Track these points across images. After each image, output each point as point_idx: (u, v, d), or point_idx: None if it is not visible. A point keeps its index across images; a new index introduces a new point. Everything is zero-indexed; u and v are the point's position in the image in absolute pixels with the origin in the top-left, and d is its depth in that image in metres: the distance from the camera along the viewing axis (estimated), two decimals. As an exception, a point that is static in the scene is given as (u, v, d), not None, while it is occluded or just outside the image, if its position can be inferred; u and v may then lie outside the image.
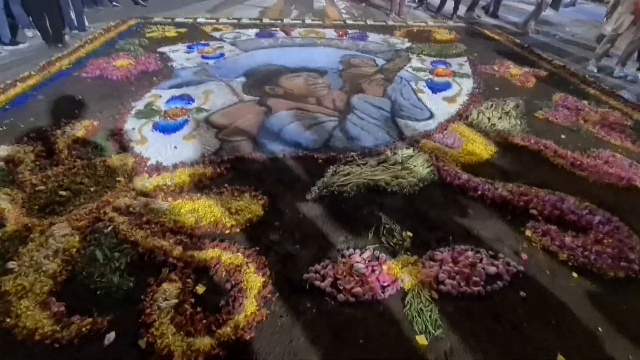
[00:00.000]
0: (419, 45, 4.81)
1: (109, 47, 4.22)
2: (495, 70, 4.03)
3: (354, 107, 3.12)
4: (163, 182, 2.11)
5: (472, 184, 2.20)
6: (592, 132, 2.87)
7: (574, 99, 3.37)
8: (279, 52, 4.41)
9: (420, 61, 4.31)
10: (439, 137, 2.72)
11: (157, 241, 1.69)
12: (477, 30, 5.69)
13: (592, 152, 2.60)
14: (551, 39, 5.44)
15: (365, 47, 4.73)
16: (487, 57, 4.49)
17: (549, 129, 2.91)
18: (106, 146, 2.43)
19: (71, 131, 2.51)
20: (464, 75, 3.90)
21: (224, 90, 3.33)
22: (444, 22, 6.13)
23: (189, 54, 4.19)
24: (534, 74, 3.94)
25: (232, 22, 5.54)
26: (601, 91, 3.60)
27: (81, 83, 3.34)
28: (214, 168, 2.24)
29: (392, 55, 4.47)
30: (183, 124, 2.74)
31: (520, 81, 3.77)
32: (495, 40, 5.21)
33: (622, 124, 2.96)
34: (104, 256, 1.62)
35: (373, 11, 6.73)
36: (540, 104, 3.28)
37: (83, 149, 2.37)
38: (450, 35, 5.26)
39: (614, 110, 3.20)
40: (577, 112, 3.11)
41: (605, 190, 2.24)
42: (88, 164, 2.22)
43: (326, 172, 2.28)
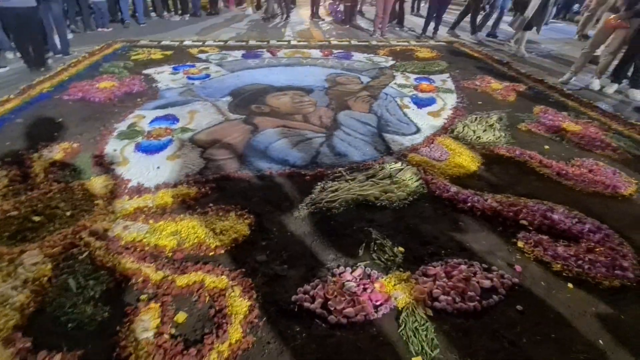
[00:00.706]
0: (402, 63, 4.93)
1: (93, 70, 4.19)
2: (477, 85, 4.13)
3: (341, 124, 3.12)
4: (144, 203, 2.03)
5: (462, 196, 2.18)
6: (575, 141, 2.92)
7: (554, 110, 3.46)
8: (265, 71, 4.45)
9: (405, 78, 4.40)
10: (426, 151, 2.72)
11: (136, 266, 1.60)
12: (457, 48, 5.89)
13: (576, 161, 2.63)
14: (528, 56, 5.65)
15: (350, 65, 4.82)
16: (468, 73, 4.62)
17: (532, 140, 2.96)
18: (85, 169, 2.34)
19: (49, 154, 2.43)
20: (447, 90, 3.98)
21: (210, 109, 3.30)
22: (426, 41, 6.33)
23: (175, 75, 4.18)
24: (514, 88, 4.06)
25: (219, 45, 5.60)
26: (580, 103, 3.71)
27: (62, 106, 3.27)
28: (198, 188, 2.17)
29: (377, 73, 4.56)
30: (167, 144, 2.68)
31: (501, 95, 3.86)
32: (475, 58, 5.39)
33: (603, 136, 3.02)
34: (77, 285, 1.52)
35: (356, 32, 6.92)
36: (522, 117, 3.35)
37: (61, 172, 2.28)
38: (432, 54, 5.42)
39: (593, 121, 3.29)
40: (559, 124, 3.17)
41: (592, 199, 2.25)
42: (65, 187, 2.12)
43: (314, 188, 2.23)
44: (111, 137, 2.74)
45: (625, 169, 2.58)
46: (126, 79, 3.92)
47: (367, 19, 7.99)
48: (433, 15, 6.47)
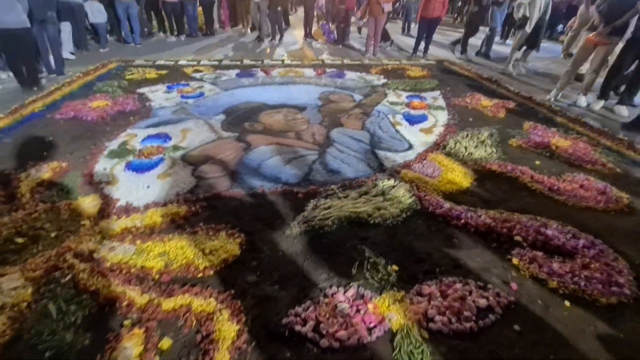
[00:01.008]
0: (394, 81, 5.03)
1: (87, 90, 4.21)
2: (467, 102, 4.21)
3: (334, 141, 3.13)
4: (132, 223, 1.98)
5: (455, 212, 2.17)
6: (565, 157, 2.95)
7: (544, 126, 3.51)
8: (259, 90, 4.50)
9: (396, 96, 4.47)
10: (419, 167, 2.73)
11: (121, 289, 1.54)
12: (447, 67, 6.04)
13: (567, 176, 2.65)
14: (514, 74, 5.81)
15: (343, 84, 4.90)
16: (459, 90, 4.71)
17: (523, 156, 2.98)
18: (74, 188, 2.30)
19: (36, 174, 2.39)
20: (438, 107, 4.05)
21: (203, 127, 3.30)
22: (417, 60, 6.49)
23: (169, 94, 4.21)
24: (504, 105, 4.13)
25: (213, 64, 5.69)
26: (568, 119, 3.78)
27: (53, 125, 3.25)
28: (188, 206, 2.14)
29: (369, 90, 4.63)
30: (158, 163, 2.66)
31: (491, 112, 3.93)
32: (464, 76, 5.51)
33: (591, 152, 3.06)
34: (58, 310, 1.45)
35: (349, 51, 7.09)
36: (512, 133, 3.40)
37: (48, 192, 2.23)
38: (423, 72, 5.54)
39: (582, 136, 3.34)
40: (548, 140, 3.21)
41: (585, 214, 2.25)
42: (51, 207, 2.08)
43: (306, 206, 2.21)
44: (101, 156, 2.71)
45: (615, 183, 2.60)
46: (120, 98, 3.94)
47: (361, 37, 8.20)
48: (423, 36, 6.66)
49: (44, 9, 4.36)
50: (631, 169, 2.82)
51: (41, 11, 4.34)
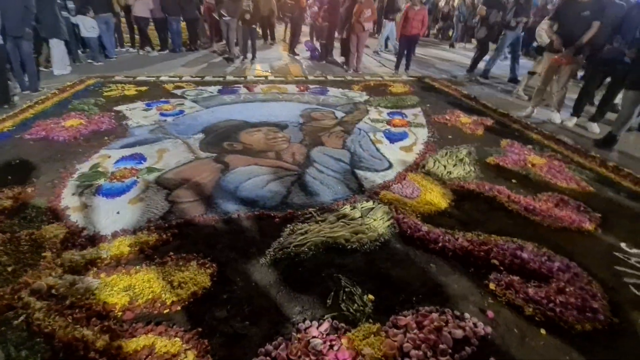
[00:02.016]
0: (376, 98, 5.08)
1: (61, 108, 4.09)
2: (447, 120, 4.27)
3: (314, 160, 3.11)
4: (97, 255, 1.88)
5: (433, 235, 2.15)
6: (540, 175, 3.01)
7: (520, 144, 3.59)
8: (240, 107, 4.47)
9: (378, 112, 4.51)
10: (398, 188, 2.72)
11: (78, 331, 1.44)
12: (429, 83, 6.16)
13: (542, 195, 2.69)
14: (494, 90, 5.97)
15: (325, 100, 4.92)
16: (439, 107, 4.80)
17: (500, 175, 3.02)
18: (37, 216, 2.18)
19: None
20: (418, 125, 4.09)
21: (180, 147, 3.23)
22: (399, 76, 6.61)
23: (147, 112, 4.13)
24: (482, 122, 4.22)
25: (195, 80, 5.64)
26: (543, 136, 3.88)
27: (22, 146, 3.12)
28: (159, 234, 2.05)
29: (351, 108, 4.66)
30: (131, 186, 2.57)
31: (470, 129, 4.00)
32: (445, 93, 5.63)
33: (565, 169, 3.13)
34: (6, 357, 1.34)
35: (332, 67, 7.16)
36: (490, 151, 3.45)
37: (8, 222, 2.11)
38: (405, 88, 5.63)
39: (556, 153, 3.42)
40: (524, 158, 3.28)
41: (560, 234, 2.27)
42: (11, 238, 1.96)
43: (283, 231, 2.16)
44: (70, 180, 2.60)
45: (589, 201, 2.65)
46: (95, 116, 3.83)
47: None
48: (404, 52, 6.80)
49: (21, 26, 4.26)
50: (603, 187, 2.89)
51: (17, 28, 4.23)
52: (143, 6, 7.03)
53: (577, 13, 3.85)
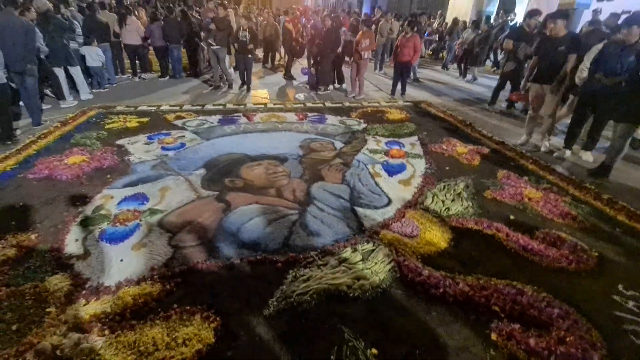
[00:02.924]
0: (373, 126, 5.18)
1: (64, 142, 4.15)
2: (444, 149, 4.36)
3: (314, 198, 3.15)
4: (102, 309, 1.90)
5: (433, 280, 2.18)
6: (537, 210, 3.06)
7: (516, 176, 3.66)
8: (240, 139, 4.54)
9: (376, 142, 4.60)
10: (398, 226, 2.76)
11: (84, 398, 1.44)
12: (425, 109, 6.29)
13: (540, 232, 2.73)
14: (488, 115, 6.11)
15: (324, 130, 5.02)
16: (435, 135, 4.89)
17: (498, 209, 3.08)
18: (41, 266, 2.20)
19: (1, 250, 2.28)
20: (416, 156, 4.17)
21: (182, 186, 3.28)
22: (395, 101, 6.75)
23: (149, 146, 4.19)
24: (478, 151, 4.31)
25: (196, 109, 5.74)
26: (538, 166, 3.96)
27: (25, 186, 3.16)
28: (162, 284, 2.07)
29: (350, 137, 4.75)
30: (133, 230, 2.59)
31: (467, 159, 4.08)
32: (441, 118, 5.75)
33: (562, 204, 3.19)
34: None
35: (330, 93, 7.31)
36: (487, 183, 3.51)
37: (12, 273, 2.13)
38: (402, 115, 5.75)
39: (552, 186, 3.49)
40: (521, 191, 3.34)
41: (558, 276, 2.31)
42: (15, 292, 1.97)
43: (285, 278, 2.18)
44: (74, 224, 2.63)
45: (585, 238, 2.69)
46: (97, 152, 3.89)
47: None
48: (398, 78, 6.98)
49: (22, 62, 4.37)
50: (598, 222, 2.94)
51: (19, 64, 4.35)
52: (130, 34, 7.30)
53: (554, 48, 4.06)
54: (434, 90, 7.99)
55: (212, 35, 6.58)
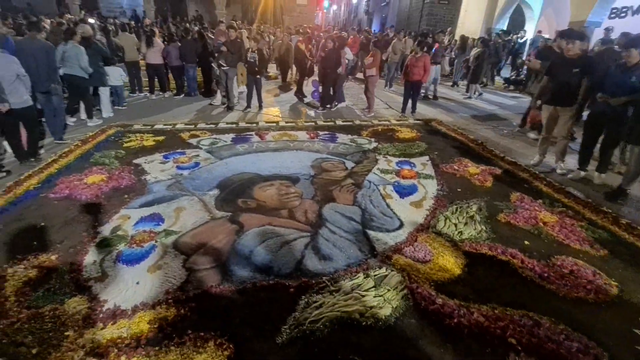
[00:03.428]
0: (384, 145, 5.22)
1: (84, 161, 4.29)
2: (455, 170, 4.34)
3: (326, 219, 3.17)
4: (118, 333, 1.93)
5: (447, 309, 2.15)
6: (553, 235, 3.01)
7: (530, 199, 3.61)
8: (253, 158, 4.63)
9: (387, 162, 4.62)
10: (410, 251, 2.75)
11: None
12: (435, 127, 6.31)
13: (556, 259, 2.68)
14: (500, 134, 6.08)
15: (335, 149, 5.07)
16: (446, 155, 4.89)
17: (512, 234, 3.03)
18: (60, 287, 2.26)
19: (24, 271, 2.35)
20: (427, 176, 4.17)
21: (196, 206, 3.34)
22: (406, 119, 6.80)
23: (164, 165, 4.30)
24: (490, 172, 4.28)
25: (210, 127, 5.89)
26: (552, 188, 3.91)
27: (47, 206, 3.27)
28: (177, 309, 2.10)
29: (361, 156, 4.79)
30: (149, 252, 2.65)
31: (479, 180, 4.05)
32: (451, 137, 5.75)
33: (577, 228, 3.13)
34: None
35: (340, 110, 7.41)
36: (500, 206, 3.48)
37: (33, 294, 2.19)
38: (412, 133, 5.78)
39: (567, 209, 3.43)
40: (535, 215, 3.29)
41: (576, 306, 2.25)
42: (35, 314, 2.02)
43: (298, 304, 2.18)
44: (92, 246, 2.70)
45: (604, 266, 2.63)
46: (116, 171, 4.00)
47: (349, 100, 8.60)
48: (409, 96, 7.06)
49: (47, 82, 4.63)
50: (617, 248, 2.87)
51: (44, 84, 4.60)
52: (154, 55, 7.65)
53: (568, 70, 4.04)
54: (444, 107, 8.03)
55: (223, 57, 6.77)
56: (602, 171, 4.12)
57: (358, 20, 30.92)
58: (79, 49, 5.39)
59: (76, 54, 5.32)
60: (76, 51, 5.34)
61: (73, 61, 5.31)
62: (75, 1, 18.80)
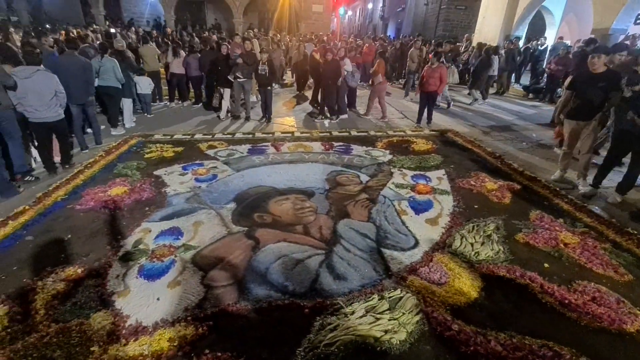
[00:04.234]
0: (399, 157, 5.20)
1: (107, 173, 4.46)
2: (472, 185, 4.28)
3: (340, 237, 3.19)
4: (140, 350, 2.00)
5: (464, 336, 2.13)
6: (574, 258, 2.93)
7: (550, 218, 3.52)
8: (268, 170, 4.70)
9: (402, 175, 4.60)
10: (425, 272, 2.73)
11: None
12: (451, 138, 6.25)
13: (577, 284, 2.61)
14: (516, 147, 5.96)
15: (350, 161, 5.09)
16: (463, 169, 4.83)
17: (531, 256, 2.97)
18: (87, 302, 2.36)
19: (52, 284, 2.47)
20: (443, 192, 4.13)
21: (214, 220, 3.42)
22: (421, 130, 6.75)
23: (183, 177, 4.42)
24: (509, 188, 4.20)
25: (227, 138, 6.01)
26: (574, 206, 3.80)
27: (73, 218, 3.42)
28: (195, 327, 2.16)
29: (375, 169, 4.79)
30: (169, 267, 2.73)
31: (497, 197, 3.98)
32: (468, 149, 5.67)
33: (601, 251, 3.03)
34: None
35: (355, 121, 7.43)
36: (519, 225, 3.41)
37: (61, 308, 2.29)
38: (428, 145, 5.73)
39: (590, 229, 3.33)
40: (556, 235, 3.21)
41: (598, 337, 2.19)
42: (63, 329, 2.12)
43: (313, 325, 2.21)
44: (115, 259, 2.81)
45: (628, 294, 2.54)
46: (137, 183, 4.15)
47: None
48: (425, 107, 7.02)
49: (85, 96, 4.97)
50: (644, 274, 2.77)
51: (81, 98, 4.90)
52: (178, 65, 7.90)
53: (593, 84, 3.92)
54: (461, 117, 7.92)
55: (239, 69, 6.87)
56: (622, 192, 3.94)
57: (373, 26, 30.93)
58: (114, 62, 5.77)
59: (112, 67, 5.72)
60: (112, 64, 5.73)
61: (110, 74, 5.71)
62: (100, 12, 19.59)
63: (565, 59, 8.82)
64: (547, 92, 9.91)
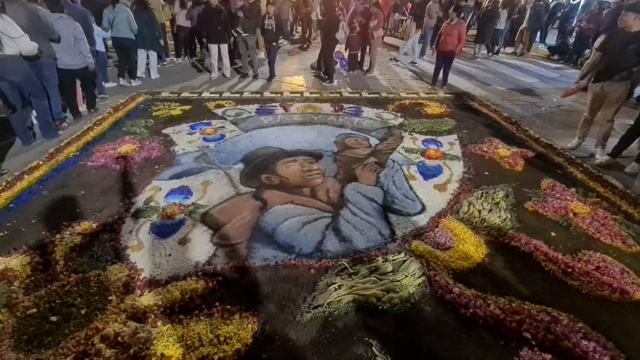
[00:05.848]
0: (410, 121, 5.04)
1: (117, 130, 4.47)
2: (484, 151, 4.17)
3: (347, 200, 3.20)
4: (154, 300, 2.12)
5: (464, 299, 2.19)
6: (582, 228, 2.90)
7: (562, 186, 3.45)
8: (277, 132, 4.63)
9: (412, 140, 4.50)
10: (431, 237, 2.76)
11: (142, 385, 1.66)
12: (466, 102, 5.99)
13: (582, 254, 2.61)
14: (534, 112, 5.69)
15: (359, 124, 4.97)
16: (476, 134, 4.68)
17: (539, 225, 2.95)
18: (103, 255, 2.47)
19: (70, 237, 2.58)
20: (454, 157, 4.04)
21: (222, 180, 3.45)
22: (435, 92, 6.47)
23: (192, 136, 4.40)
24: (522, 155, 4.08)
25: (235, 97, 5.88)
26: (588, 175, 3.69)
27: (85, 174, 3.48)
28: (205, 282, 2.26)
29: (386, 133, 4.68)
30: (180, 225, 2.81)
31: (509, 164, 3.88)
32: (483, 114, 5.45)
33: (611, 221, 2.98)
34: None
35: (366, 81, 7.14)
36: (529, 193, 3.36)
37: (79, 260, 2.41)
38: (441, 109, 5.52)
39: (602, 200, 3.26)
40: (566, 205, 3.16)
41: (599, 305, 2.22)
42: (82, 279, 2.25)
43: (317, 284, 2.29)
44: (128, 216, 2.89)
45: (634, 265, 2.54)
46: (146, 141, 4.16)
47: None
48: (440, 67, 6.65)
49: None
50: (653, 246, 2.74)
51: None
52: (184, 17, 7.58)
53: (624, 45, 3.64)
54: (479, 79, 7.54)
55: (241, 23, 6.48)
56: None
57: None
58: (128, 12, 5.60)
59: (127, 17, 5.57)
60: (126, 15, 5.56)
61: (124, 24, 5.57)
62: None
63: (598, 16, 8.10)
64: (573, 53, 9.27)
